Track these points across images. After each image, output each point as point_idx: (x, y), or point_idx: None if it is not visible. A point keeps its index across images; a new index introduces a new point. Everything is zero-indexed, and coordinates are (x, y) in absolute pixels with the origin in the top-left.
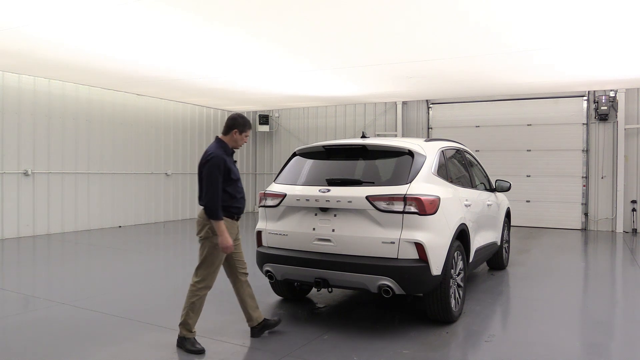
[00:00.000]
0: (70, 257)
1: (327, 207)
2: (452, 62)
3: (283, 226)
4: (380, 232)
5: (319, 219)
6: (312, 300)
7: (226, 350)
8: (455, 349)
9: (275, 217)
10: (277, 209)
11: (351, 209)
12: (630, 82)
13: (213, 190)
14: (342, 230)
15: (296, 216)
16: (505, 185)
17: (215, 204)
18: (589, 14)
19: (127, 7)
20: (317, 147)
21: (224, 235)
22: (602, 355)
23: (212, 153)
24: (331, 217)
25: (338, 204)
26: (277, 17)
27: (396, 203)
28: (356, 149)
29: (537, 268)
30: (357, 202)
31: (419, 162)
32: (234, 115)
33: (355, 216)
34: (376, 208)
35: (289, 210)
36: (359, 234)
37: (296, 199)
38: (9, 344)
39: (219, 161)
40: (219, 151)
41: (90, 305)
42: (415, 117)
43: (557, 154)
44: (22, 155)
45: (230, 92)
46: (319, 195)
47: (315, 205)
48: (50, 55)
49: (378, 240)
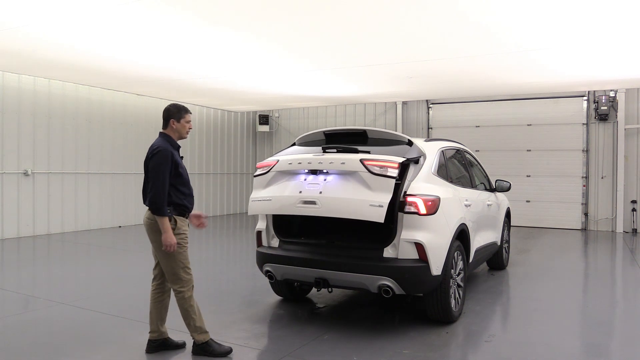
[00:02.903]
0: (70, 257)
1: (318, 169)
2: (452, 62)
3: (268, 192)
4: (369, 195)
5: (308, 183)
6: (312, 300)
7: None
8: (455, 349)
9: (262, 185)
10: (266, 176)
11: (343, 171)
12: (630, 82)
13: (159, 185)
14: (330, 192)
15: (284, 181)
16: (505, 185)
17: (160, 198)
18: (589, 14)
19: (127, 7)
20: (317, 133)
21: (168, 233)
22: (602, 355)
23: (158, 146)
24: (321, 181)
25: (330, 166)
26: (277, 17)
27: (390, 170)
28: (356, 135)
29: (537, 268)
30: (351, 164)
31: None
32: (167, 106)
33: (346, 180)
34: (369, 171)
35: (278, 175)
36: (346, 196)
37: (288, 163)
38: (9, 344)
39: (166, 154)
40: (166, 145)
41: (90, 305)
42: (415, 117)
43: (557, 154)
44: (22, 155)
45: (230, 92)
46: (312, 158)
47: (307, 168)
48: (50, 55)
49: (365, 203)
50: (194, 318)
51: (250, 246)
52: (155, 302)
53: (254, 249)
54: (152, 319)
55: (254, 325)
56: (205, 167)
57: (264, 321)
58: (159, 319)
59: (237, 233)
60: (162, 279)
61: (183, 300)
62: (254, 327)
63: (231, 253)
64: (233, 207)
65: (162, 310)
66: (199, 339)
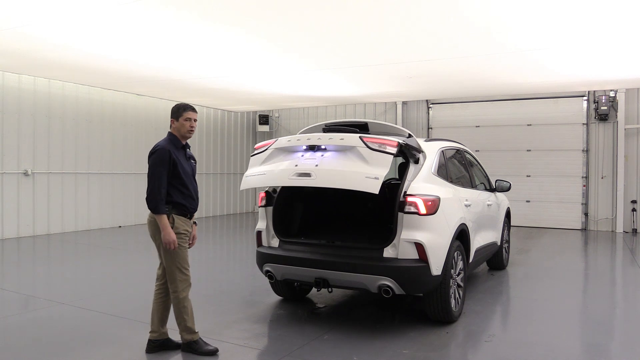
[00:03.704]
0: (70, 257)
1: (317, 144)
2: (452, 62)
3: (263, 168)
4: (366, 168)
5: (305, 158)
6: (312, 300)
7: (226, 350)
8: (455, 349)
9: (258, 163)
10: (263, 154)
11: (341, 146)
12: (630, 82)
13: (154, 183)
14: (326, 165)
15: (280, 157)
16: (505, 185)
17: (156, 196)
18: (589, 14)
19: (127, 7)
20: (317, 127)
21: (166, 230)
22: (602, 356)
23: (157, 146)
24: (318, 156)
25: (329, 141)
26: (277, 17)
27: (389, 147)
28: (358, 127)
29: (537, 268)
30: (350, 139)
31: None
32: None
33: (344, 155)
34: (367, 146)
35: (276, 153)
36: (342, 168)
37: (287, 140)
38: (9, 344)
39: (163, 153)
40: (167, 144)
41: (90, 305)
42: (415, 117)
43: (557, 154)
44: (22, 155)
45: (230, 92)
46: (311, 136)
47: (305, 144)
48: (50, 55)
49: (361, 175)
50: (185, 319)
51: (250, 246)
52: (158, 302)
53: (254, 249)
54: (154, 319)
55: (254, 325)
56: (205, 167)
57: (264, 321)
58: (160, 319)
59: (237, 233)
60: (165, 279)
61: (177, 300)
62: (254, 327)
63: (231, 253)
64: (233, 207)
65: (164, 311)
66: (187, 338)
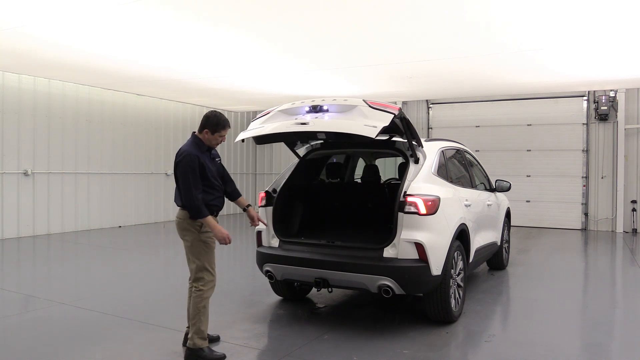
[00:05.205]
0: (70, 257)
1: (320, 104)
2: (452, 62)
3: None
4: (365, 120)
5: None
6: (312, 300)
7: (226, 350)
8: (455, 349)
9: (259, 123)
10: (266, 116)
11: (344, 106)
12: (630, 82)
13: (191, 191)
14: (326, 117)
15: (282, 116)
16: (505, 185)
17: (195, 202)
18: (589, 14)
19: (127, 7)
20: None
21: (216, 229)
22: (602, 356)
23: (184, 152)
24: (319, 114)
25: (333, 102)
26: (278, 17)
27: (390, 109)
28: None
29: (537, 268)
30: (353, 100)
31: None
32: (209, 113)
33: (345, 112)
34: (369, 106)
35: (278, 114)
36: (342, 120)
37: (291, 104)
38: (9, 344)
39: (192, 159)
40: (192, 149)
41: (90, 305)
42: (415, 117)
43: (557, 154)
44: (22, 155)
45: (230, 92)
46: (315, 98)
47: (309, 105)
48: (50, 55)
49: (360, 123)
50: (202, 320)
51: (250, 246)
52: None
53: (254, 249)
54: (189, 315)
55: (254, 325)
56: None
57: (264, 321)
58: None
59: (237, 233)
60: None
61: (200, 298)
62: (254, 327)
63: (231, 253)
64: (233, 207)
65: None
66: (197, 342)
